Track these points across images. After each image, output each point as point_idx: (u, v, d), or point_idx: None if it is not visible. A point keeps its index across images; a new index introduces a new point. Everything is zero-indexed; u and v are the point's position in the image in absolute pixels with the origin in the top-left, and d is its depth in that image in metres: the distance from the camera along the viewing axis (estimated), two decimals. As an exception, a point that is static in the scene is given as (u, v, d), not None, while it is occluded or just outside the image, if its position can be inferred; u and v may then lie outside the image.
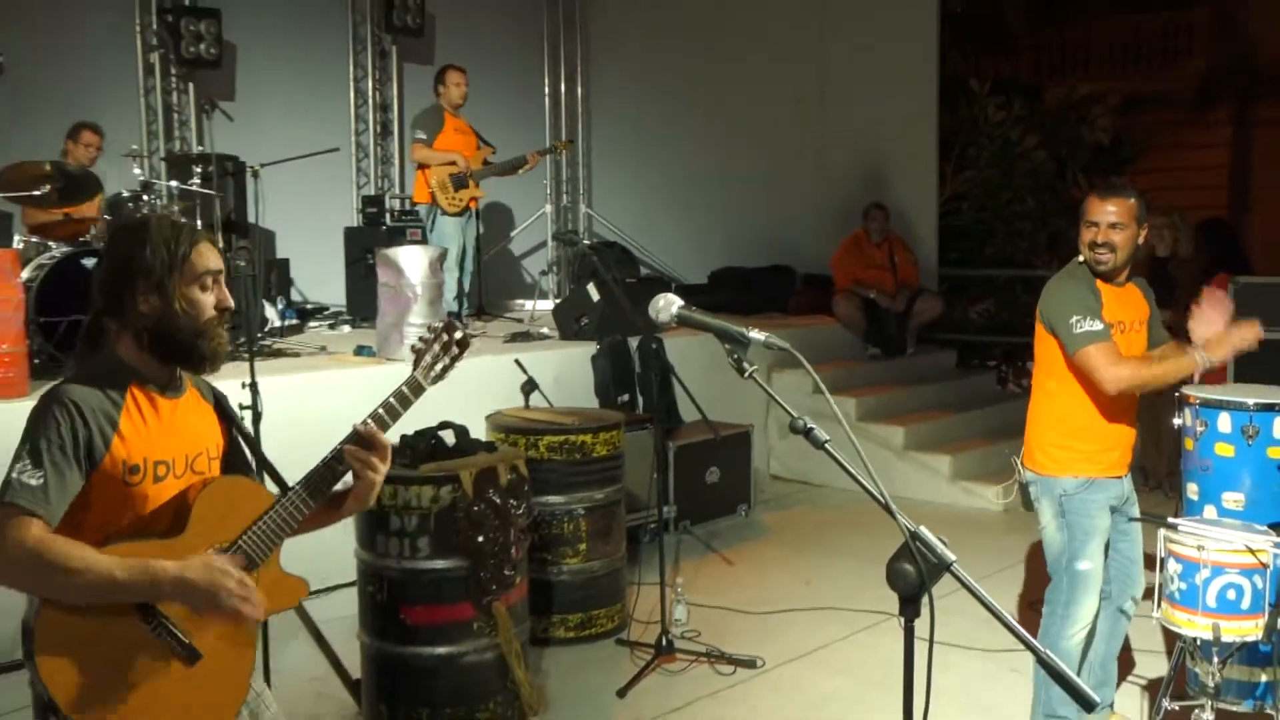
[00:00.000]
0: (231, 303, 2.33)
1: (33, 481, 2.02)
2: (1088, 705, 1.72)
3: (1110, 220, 3.79)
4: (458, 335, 2.51)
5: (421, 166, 8.27)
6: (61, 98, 8.05)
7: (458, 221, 8.32)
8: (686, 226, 11.14)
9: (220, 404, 2.45)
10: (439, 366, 2.49)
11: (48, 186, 6.17)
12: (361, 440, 2.35)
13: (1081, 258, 3.89)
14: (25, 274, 5.71)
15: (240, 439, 2.50)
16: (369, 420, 2.37)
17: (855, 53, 9.92)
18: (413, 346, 2.53)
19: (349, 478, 2.39)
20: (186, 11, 8.73)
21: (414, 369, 2.48)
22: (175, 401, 2.28)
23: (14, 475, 2.03)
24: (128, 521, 2.18)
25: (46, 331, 5.71)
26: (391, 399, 2.42)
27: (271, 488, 2.49)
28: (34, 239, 6.35)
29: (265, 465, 2.54)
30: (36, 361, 5.62)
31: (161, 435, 2.23)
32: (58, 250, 6.04)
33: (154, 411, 2.23)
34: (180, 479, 2.26)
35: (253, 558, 2.27)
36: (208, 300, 2.26)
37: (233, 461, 2.46)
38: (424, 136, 8.26)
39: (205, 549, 2.19)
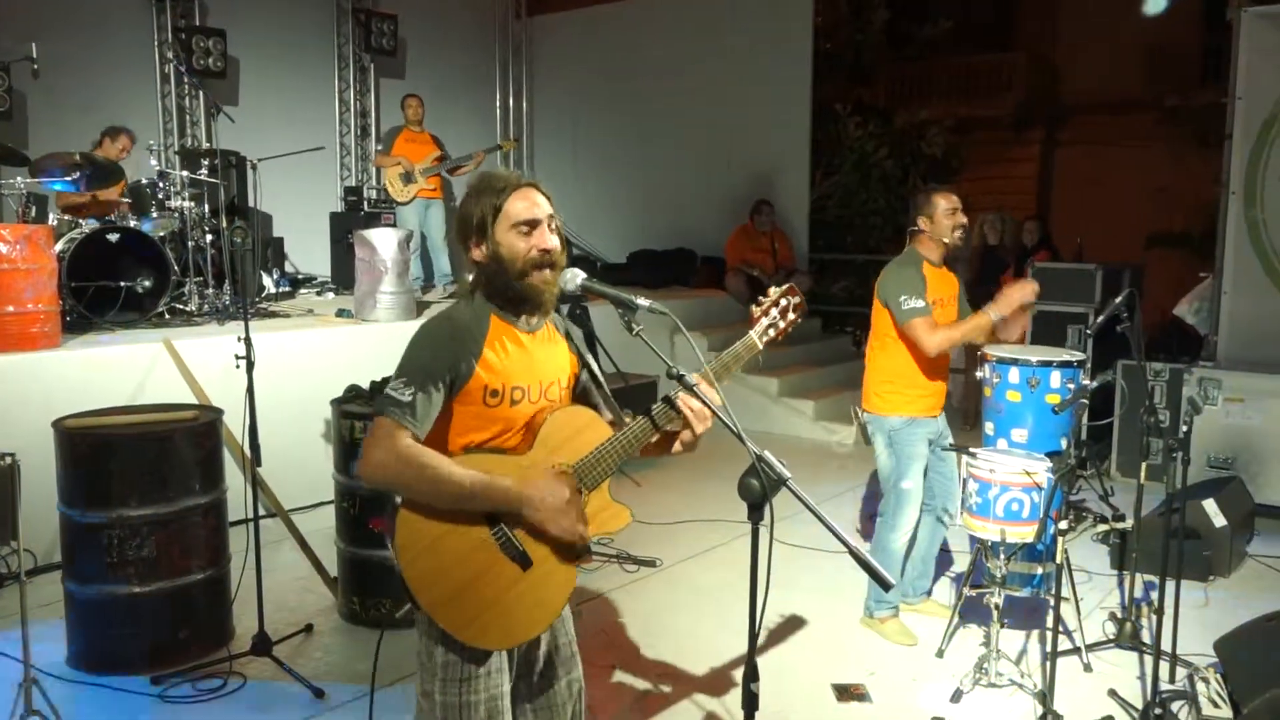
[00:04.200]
0: (551, 244, 2.03)
1: (404, 398, 1.90)
2: (884, 585, 1.80)
3: (960, 207, 3.95)
4: (796, 300, 2.27)
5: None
6: (89, 100, 7.77)
7: (411, 209, 8.23)
8: (611, 216, 11.10)
9: (571, 339, 2.20)
10: (773, 329, 2.27)
11: (77, 173, 5.98)
12: (695, 394, 2.05)
13: (945, 239, 3.95)
14: (58, 246, 5.54)
15: (588, 372, 2.23)
16: (703, 375, 2.07)
17: (748, 82, 9.94)
18: (752, 309, 2.27)
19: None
20: (197, 30, 8.46)
21: (751, 329, 2.24)
22: (532, 335, 2.09)
23: (391, 391, 1.92)
24: (486, 437, 2.02)
25: (76, 294, 5.56)
26: (727, 356, 2.17)
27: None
28: (66, 217, 6.14)
29: (605, 397, 2.22)
30: (68, 319, 5.48)
31: (519, 364, 2.04)
32: (86, 227, 5.85)
33: (515, 343, 2.05)
34: (535, 404, 2.07)
35: (584, 481, 2.06)
36: (522, 245, 2.02)
37: (580, 391, 2.24)
38: (380, 148, 8.43)
39: (546, 467, 2.01)
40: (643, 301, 2.05)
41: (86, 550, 3.69)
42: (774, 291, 2.32)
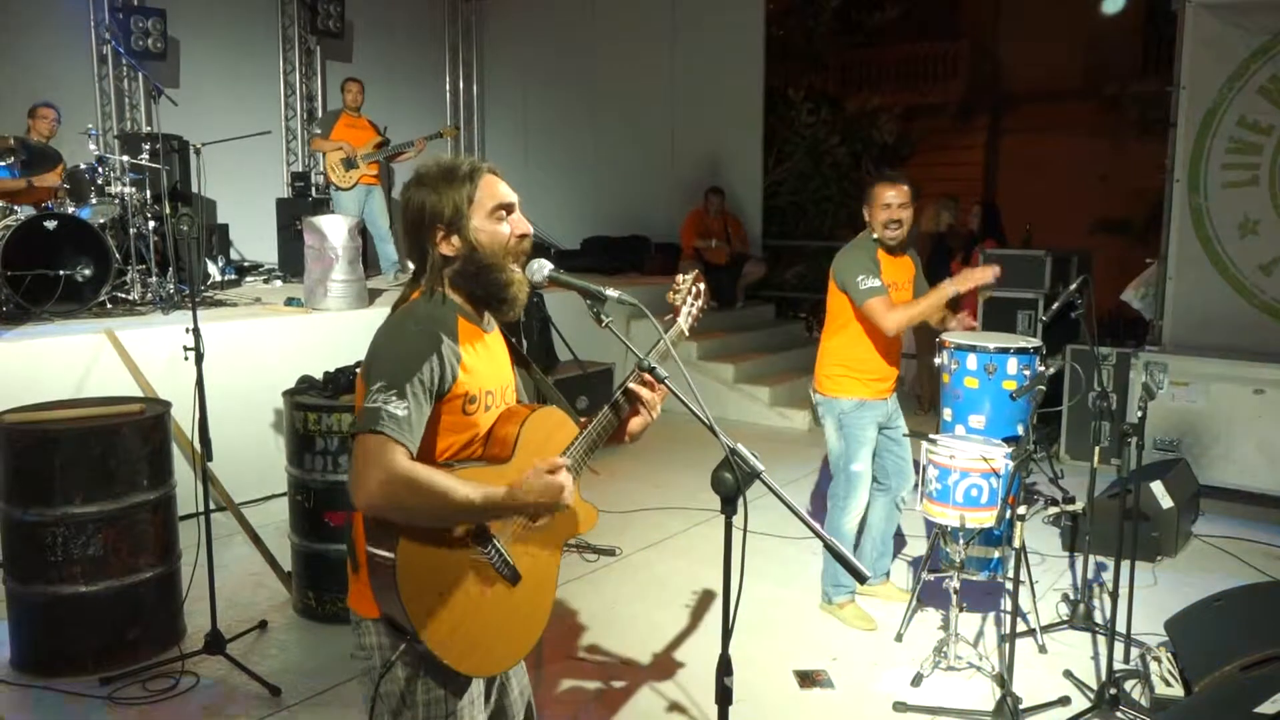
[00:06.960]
0: (529, 228, 1.94)
1: (399, 412, 1.71)
2: (860, 578, 1.78)
3: (899, 202, 3.91)
4: (701, 286, 2.26)
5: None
6: (23, 84, 7.49)
7: (352, 195, 8.04)
8: (564, 202, 11.02)
9: (507, 339, 2.09)
10: (690, 317, 2.27)
11: (12, 158, 5.77)
12: (644, 380, 2.04)
13: (875, 234, 3.98)
14: (-8, 233, 5.35)
15: (529, 373, 2.16)
16: (648, 363, 2.00)
17: (700, 67, 9.94)
18: (671, 297, 2.24)
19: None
20: (135, 10, 8.20)
21: (678, 318, 2.22)
22: (489, 335, 1.98)
23: (379, 404, 1.71)
24: (461, 447, 1.89)
25: (13, 283, 5.37)
26: (662, 346, 2.12)
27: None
28: (1, 203, 5.93)
29: (554, 396, 2.17)
30: (4, 309, 5.30)
31: (487, 366, 1.93)
32: (22, 213, 5.65)
33: (481, 344, 1.93)
34: (498, 409, 1.96)
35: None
36: (504, 232, 1.90)
37: (521, 393, 2.14)
38: (319, 132, 8.21)
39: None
40: (611, 292, 2.00)
41: (29, 549, 3.56)
42: (684, 280, 2.31)
